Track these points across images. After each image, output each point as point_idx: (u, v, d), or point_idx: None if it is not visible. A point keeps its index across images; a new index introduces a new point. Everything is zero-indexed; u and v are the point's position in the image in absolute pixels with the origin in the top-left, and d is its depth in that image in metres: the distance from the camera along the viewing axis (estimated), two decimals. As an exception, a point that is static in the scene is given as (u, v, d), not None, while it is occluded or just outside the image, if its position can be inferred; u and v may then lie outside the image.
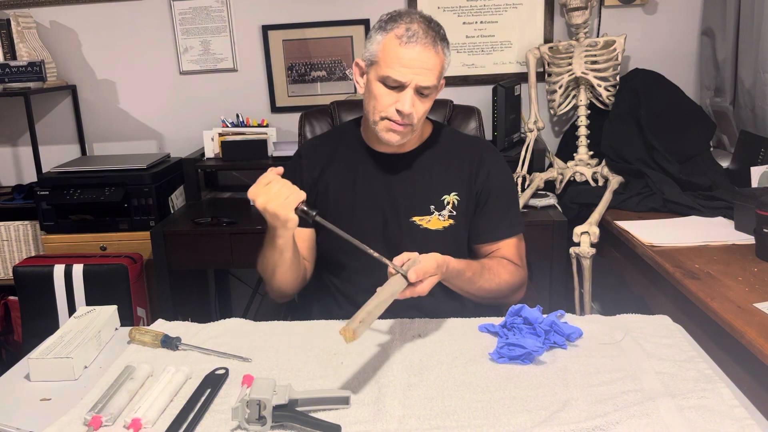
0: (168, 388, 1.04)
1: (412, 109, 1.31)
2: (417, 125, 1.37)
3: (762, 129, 2.19)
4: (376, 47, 1.33)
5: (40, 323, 2.33)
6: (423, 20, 1.31)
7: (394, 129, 1.34)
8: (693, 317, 1.54)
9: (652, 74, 2.47)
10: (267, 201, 1.21)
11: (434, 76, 1.31)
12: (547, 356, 1.14)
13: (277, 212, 1.21)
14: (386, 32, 1.31)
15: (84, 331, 1.21)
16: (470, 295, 1.40)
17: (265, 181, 1.23)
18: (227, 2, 2.70)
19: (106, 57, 2.78)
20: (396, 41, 1.29)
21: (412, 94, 1.31)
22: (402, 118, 1.33)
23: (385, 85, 1.32)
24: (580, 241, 2.08)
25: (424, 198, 1.45)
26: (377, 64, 1.33)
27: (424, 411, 0.98)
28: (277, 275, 1.39)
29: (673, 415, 0.94)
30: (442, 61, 1.33)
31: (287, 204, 1.21)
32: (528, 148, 2.42)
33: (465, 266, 1.32)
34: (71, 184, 2.44)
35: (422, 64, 1.29)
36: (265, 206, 1.22)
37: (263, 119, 2.71)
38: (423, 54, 1.29)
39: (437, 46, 1.31)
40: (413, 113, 1.32)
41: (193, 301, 2.70)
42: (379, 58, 1.32)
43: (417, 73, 1.29)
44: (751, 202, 1.76)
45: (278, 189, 1.22)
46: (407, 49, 1.28)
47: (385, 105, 1.33)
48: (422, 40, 1.29)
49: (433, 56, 1.30)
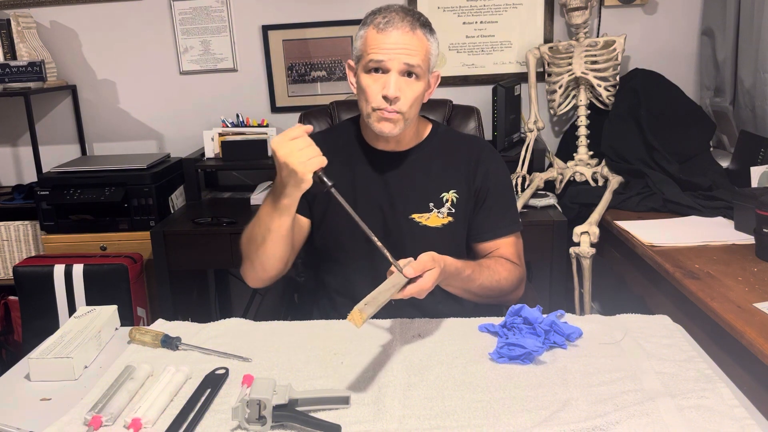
0: (168, 388, 1.04)
1: (397, 92, 1.31)
2: (409, 113, 1.36)
3: (762, 129, 2.19)
4: (359, 42, 1.37)
5: (40, 323, 2.33)
6: (401, 9, 1.35)
7: (385, 117, 1.34)
8: (693, 317, 1.54)
9: (652, 74, 2.48)
10: (289, 154, 1.18)
11: (417, 56, 1.32)
12: (547, 356, 1.14)
13: (296, 168, 1.18)
14: (366, 26, 1.35)
15: (84, 331, 1.21)
16: (470, 294, 1.39)
17: (291, 135, 1.19)
18: (227, 2, 2.70)
19: (106, 57, 2.78)
20: (374, 30, 1.33)
21: (397, 77, 1.32)
22: (390, 104, 1.32)
23: (371, 71, 1.33)
24: (580, 241, 2.08)
25: (423, 195, 1.45)
26: (362, 57, 1.35)
27: (424, 411, 0.98)
28: (267, 244, 1.33)
29: (673, 415, 0.94)
30: (426, 46, 1.34)
31: (309, 164, 1.18)
32: (528, 148, 2.42)
33: (463, 264, 1.32)
34: (71, 184, 2.44)
35: (402, 45, 1.31)
36: (286, 160, 1.18)
37: (263, 119, 2.71)
38: (401, 37, 1.31)
39: (416, 30, 1.32)
40: (400, 97, 1.32)
41: (193, 301, 2.70)
42: (362, 51, 1.35)
43: (398, 53, 1.31)
44: (751, 202, 1.76)
45: (303, 147, 1.18)
46: (385, 34, 1.31)
47: (373, 94, 1.33)
48: (399, 23, 1.31)
49: (412, 37, 1.32)
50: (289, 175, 1.21)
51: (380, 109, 1.34)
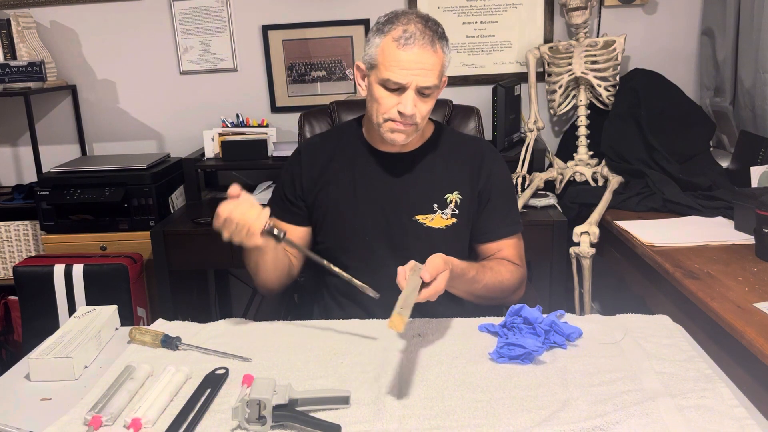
0: (168, 388, 1.04)
1: (414, 110, 1.31)
2: (421, 124, 1.37)
3: (762, 129, 2.19)
4: (374, 50, 1.33)
5: (40, 323, 2.33)
6: (420, 20, 1.31)
7: (398, 129, 1.35)
8: (693, 317, 1.54)
9: (652, 74, 2.47)
10: (231, 235, 1.23)
11: (434, 76, 1.31)
12: (547, 356, 1.14)
13: (242, 243, 1.24)
14: (384, 35, 1.31)
15: (84, 331, 1.21)
16: (473, 296, 1.39)
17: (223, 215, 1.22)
18: (227, 2, 2.70)
19: (106, 57, 2.78)
20: (393, 44, 1.29)
21: (414, 95, 1.31)
22: (405, 119, 1.33)
23: (386, 87, 1.32)
24: (580, 241, 2.08)
25: (427, 197, 1.45)
26: (377, 68, 1.33)
27: (424, 411, 0.98)
28: (260, 273, 1.40)
29: (673, 415, 0.94)
30: (441, 60, 1.33)
31: (250, 236, 1.22)
32: (528, 148, 2.42)
33: (467, 266, 1.32)
34: (71, 184, 2.44)
35: (421, 65, 1.29)
36: (231, 239, 1.23)
37: (263, 119, 2.71)
38: (421, 55, 1.29)
39: (435, 45, 1.30)
40: (416, 113, 1.33)
41: (193, 301, 2.70)
42: (379, 62, 1.32)
43: (416, 74, 1.29)
44: (751, 202, 1.76)
45: (237, 221, 1.21)
46: (405, 51, 1.28)
47: (387, 107, 1.33)
48: (420, 41, 1.28)
49: (432, 56, 1.30)
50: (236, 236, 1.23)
51: (394, 121, 1.34)
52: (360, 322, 1.31)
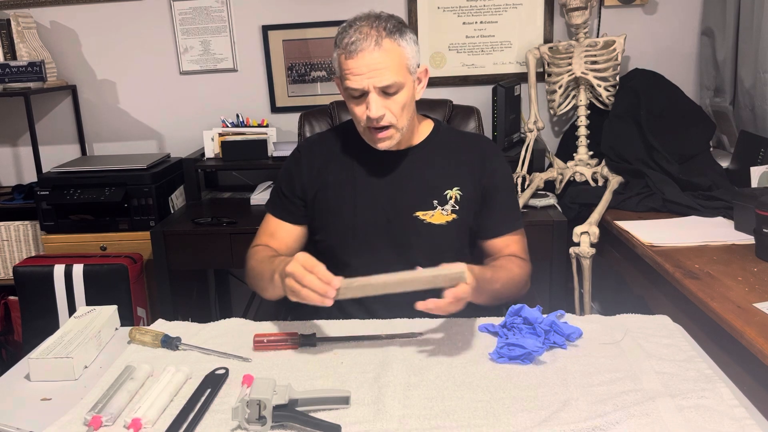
0: (168, 388, 1.04)
1: (381, 111, 1.32)
2: (401, 121, 1.36)
3: (762, 129, 2.19)
4: (336, 64, 1.36)
5: (40, 323, 2.33)
6: (368, 22, 1.32)
7: (378, 136, 1.36)
8: (693, 317, 1.54)
9: (652, 74, 2.47)
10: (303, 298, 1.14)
11: (391, 72, 1.30)
12: (547, 356, 1.14)
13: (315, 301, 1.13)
14: (337, 47, 1.34)
15: (84, 331, 1.21)
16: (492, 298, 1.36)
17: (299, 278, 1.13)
18: (227, 2, 2.70)
19: (106, 57, 2.78)
20: (343, 55, 1.32)
21: (377, 97, 1.31)
22: (377, 123, 1.33)
23: (352, 97, 1.34)
24: (580, 241, 2.08)
25: (426, 193, 1.45)
26: (342, 80, 1.35)
27: (424, 411, 0.98)
28: (265, 295, 1.39)
29: (673, 415, 0.94)
30: (398, 53, 1.31)
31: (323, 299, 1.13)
32: (528, 148, 2.42)
33: (480, 270, 1.30)
34: (71, 184, 2.44)
35: (371, 66, 1.29)
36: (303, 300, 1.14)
37: (263, 119, 2.71)
38: (368, 57, 1.29)
39: (382, 44, 1.29)
40: (386, 114, 1.33)
41: (193, 301, 2.70)
42: (340, 74, 1.35)
43: (370, 76, 1.30)
44: (751, 202, 1.76)
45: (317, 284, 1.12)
46: (354, 59, 1.30)
47: (359, 115, 1.35)
48: (363, 43, 1.29)
49: (380, 54, 1.29)
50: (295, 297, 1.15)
51: (371, 127, 1.35)
52: (360, 322, 1.31)
